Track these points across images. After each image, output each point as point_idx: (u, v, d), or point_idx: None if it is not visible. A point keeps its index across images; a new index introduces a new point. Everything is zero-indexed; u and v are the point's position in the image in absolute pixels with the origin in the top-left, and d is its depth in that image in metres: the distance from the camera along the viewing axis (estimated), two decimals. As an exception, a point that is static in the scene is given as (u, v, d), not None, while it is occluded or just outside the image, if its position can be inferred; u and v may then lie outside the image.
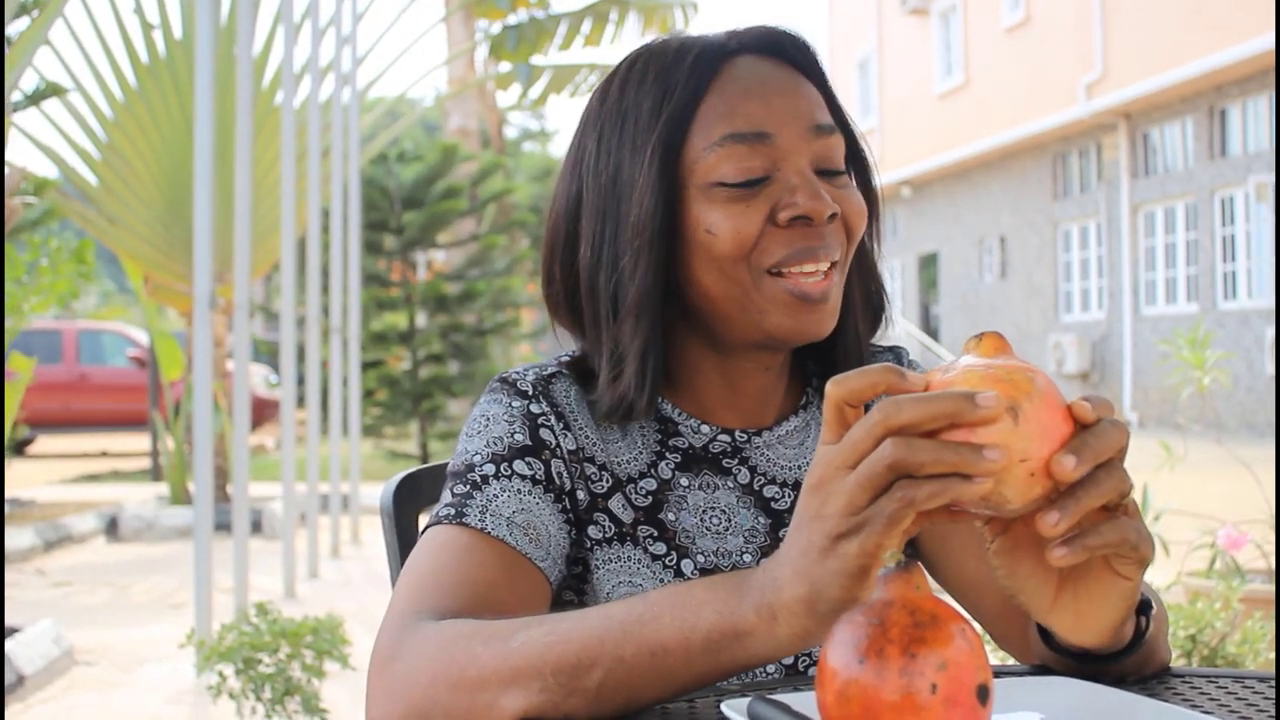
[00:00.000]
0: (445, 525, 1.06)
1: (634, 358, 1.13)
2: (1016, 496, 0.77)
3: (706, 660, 0.86)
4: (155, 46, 8.85)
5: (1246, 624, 3.15)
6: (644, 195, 1.11)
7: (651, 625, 0.87)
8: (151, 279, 9.14)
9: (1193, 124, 16.32)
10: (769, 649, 0.84)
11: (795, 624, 0.82)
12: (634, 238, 1.12)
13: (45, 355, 14.59)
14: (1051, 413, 0.78)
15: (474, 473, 1.09)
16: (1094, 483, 0.80)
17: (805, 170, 1.11)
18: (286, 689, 3.43)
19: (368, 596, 6.34)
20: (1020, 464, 0.76)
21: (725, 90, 1.12)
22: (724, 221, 1.10)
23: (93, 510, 9.35)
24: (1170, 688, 1.00)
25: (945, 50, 22.33)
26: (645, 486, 1.16)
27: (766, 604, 0.83)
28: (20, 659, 4.51)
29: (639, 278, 1.12)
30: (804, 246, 1.10)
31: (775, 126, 1.11)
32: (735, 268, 1.11)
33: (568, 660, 0.88)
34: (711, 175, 1.11)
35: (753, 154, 1.10)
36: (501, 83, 13.37)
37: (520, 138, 35.36)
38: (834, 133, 1.14)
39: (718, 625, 0.85)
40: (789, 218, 1.09)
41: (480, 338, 13.49)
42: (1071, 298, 19.51)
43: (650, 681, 0.87)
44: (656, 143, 1.12)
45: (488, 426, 1.13)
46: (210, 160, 4.82)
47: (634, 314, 1.12)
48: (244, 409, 5.31)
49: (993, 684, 0.72)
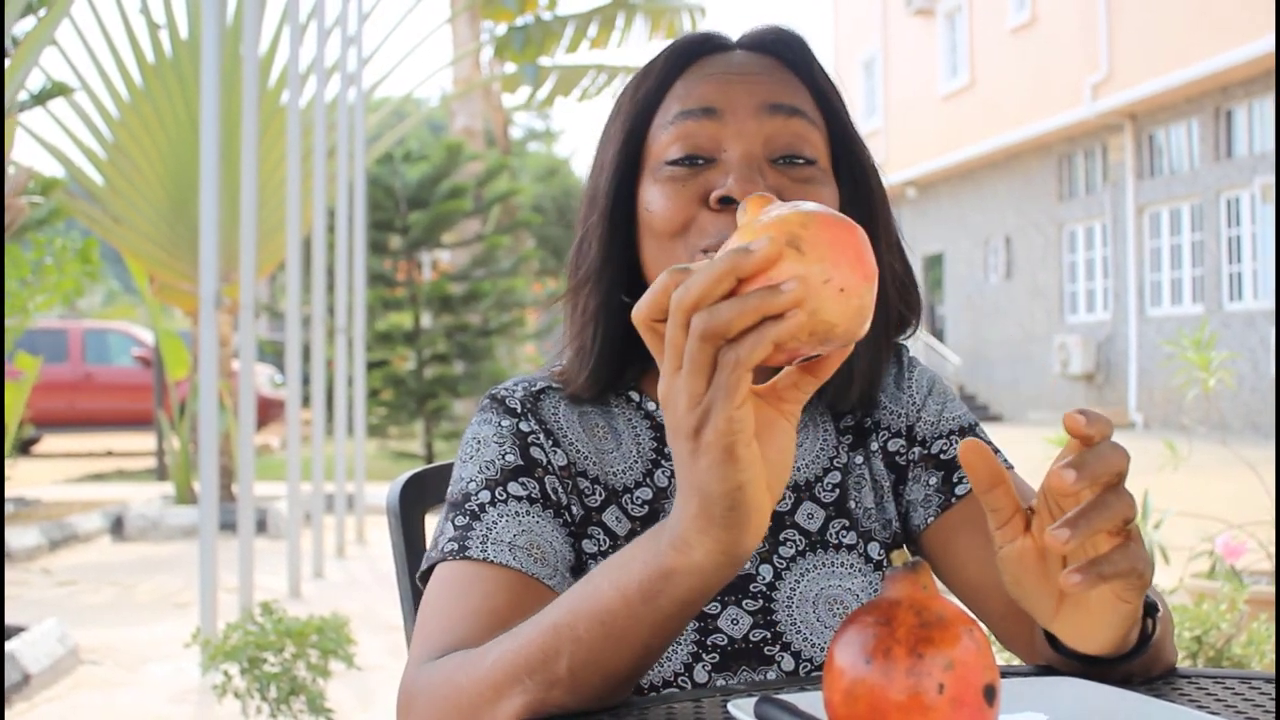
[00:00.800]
0: (450, 561, 1.07)
1: (579, 335, 1.15)
2: (840, 318, 0.76)
3: (649, 610, 0.85)
4: (161, 46, 8.86)
5: (1252, 625, 3.14)
6: (602, 172, 1.15)
7: (593, 596, 0.87)
8: (157, 278, 9.15)
9: (1198, 125, 16.31)
10: (697, 580, 0.84)
11: (705, 542, 0.81)
12: (594, 213, 1.15)
13: (51, 354, 14.63)
14: (832, 230, 0.77)
15: (471, 502, 1.10)
16: (1104, 505, 0.82)
17: (752, 152, 1.09)
18: (291, 689, 3.44)
19: (373, 596, 6.34)
20: (825, 285, 0.75)
21: (691, 76, 1.14)
22: (660, 199, 1.11)
23: (98, 509, 9.36)
24: (1176, 688, 1.00)
25: (950, 51, 22.30)
26: (641, 496, 1.16)
27: (678, 535, 0.82)
28: (25, 658, 4.52)
29: (589, 254, 1.14)
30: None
31: (724, 104, 1.10)
32: (671, 247, 1.10)
33: (535, 657, 0.89)
34: (661, 154, 1.12)
35: (699, 131, 1.10)
36: (508, 85, 13.35)
37: (525, 138, 35.36)
38: (794, 115, 1.11)
39: (645, 573, 0.85)
40: (718, 198, 1.08)
41: (485, 338, 13.50)
42: (1077, 298, 19.49)
43: (611, 650, 0.87)
44: (623, 123, 1.14)
45: (479, 450, 1.14)
46: (216, 160, 4.82)
47: (584, 288, 1.15)
48: (249, 408, 5.32)
49: (1000, 684, 0.72)
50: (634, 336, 1.16)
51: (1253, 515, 4.21)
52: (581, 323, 1.15)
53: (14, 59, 4.31)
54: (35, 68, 4.69)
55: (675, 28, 12.35)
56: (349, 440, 8.63)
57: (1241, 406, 14.86)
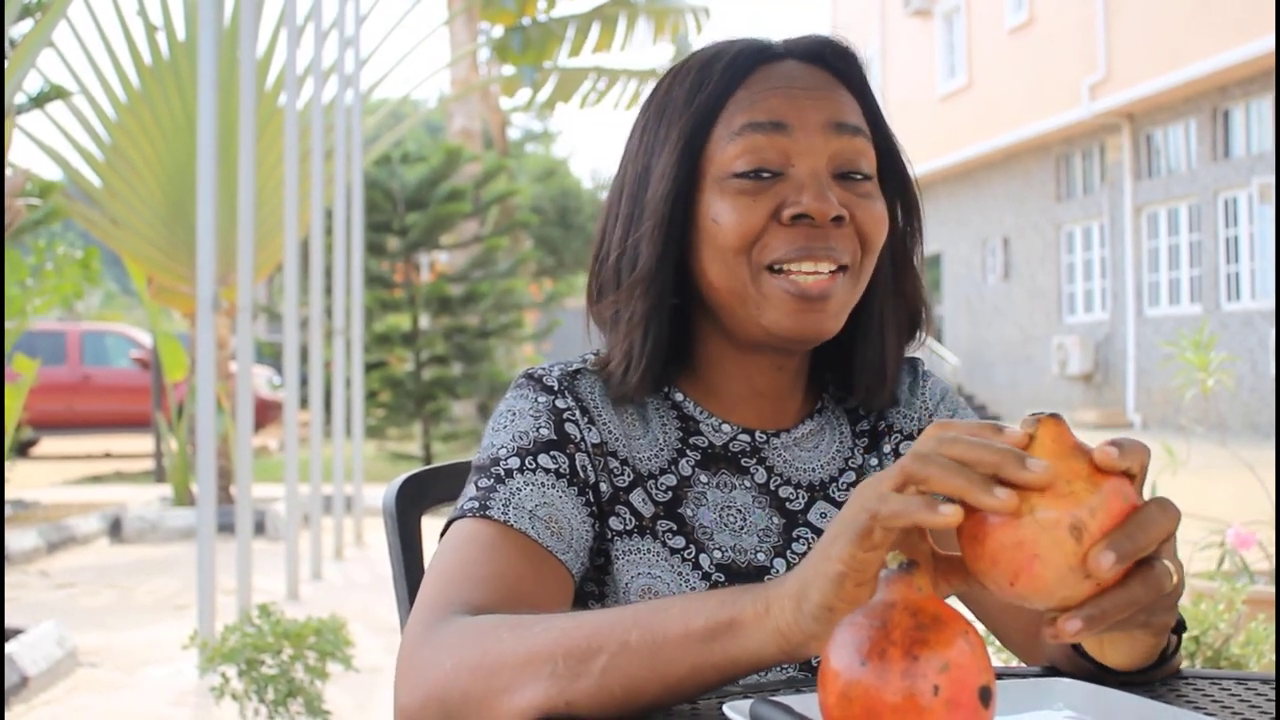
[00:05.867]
0: (470, 519, 1.08)
1: (626, 336, 1.16)
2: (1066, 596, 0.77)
3: (701, 650, 0.86)
4: (159, 48, 8.85)
5: (1250, 625, 3.14)
6: (662, 179, 1.14)
7: (660, 613, 0.89)
8: (155, 280, 9.15)
9: (1196, 125, 16.31)
10: (755, 644, 0.85)
11: (783, 618, 0.83)
12: (648, 219, 1.14)
13: (49, 357, 14.61)
14: (1113, 519, 0.76)
15: (498, 466, 1.11)
16: (1125, 590, 0.78)
17: (819, 169, 1.11)
18: (289, 690, 3.43)
19: (371, 598, 6.34)
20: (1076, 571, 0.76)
21: (755, 86, 1.14)
22: (729, 213, 1.11)
23: (96, 512, 9.35)
24: (1174, 689, 1.00)
25: (949, 51, 22.32)
26: (665, 482, 1.17)
27: (764, 597, 0.85)
28: (24, 660, 4.51)
29: (644, 258, 1.14)
30: (805, 245, 1.10)
31: (794, 119, 1.12)
32: (737, 260, 1.12)
33: (578, 644, 0.89)
34: (727, 166, 1.12)
35: (769, 145, 1.11)
36: (507, 87, 13.35)
37: (523, 139, 35.36)
38: (858, 135, 1.14)
39: (717, 614, 0.86)
40: (792, 215, 1.10)
41: (483, 339, 13.50)
42: (1075, 299, 19.50)
43: (647, 670, 0.88)
44: (682, 129, 1.14)
45: (514, 421, 1.15)
46: (213, 162, 4.82)
47: (634, 292, 1.15)
48: (247, 410, 5.31)
49: (995, 686, 0.72)
50: (681, 338, 1.18)
51: (1252, 516, 4.21)
52: (629, 326, 1.16)
53: (11, 61, 4.31)
54: (33, 70, 4.69)
55: (679, 30, 12.33)
56: (347, 442, 8.62)
57: (1240, 407, 14.86)
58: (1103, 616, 0.77)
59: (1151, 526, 0.77)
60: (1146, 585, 0.78)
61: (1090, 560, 0.75)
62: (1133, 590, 0.78)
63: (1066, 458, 0.76)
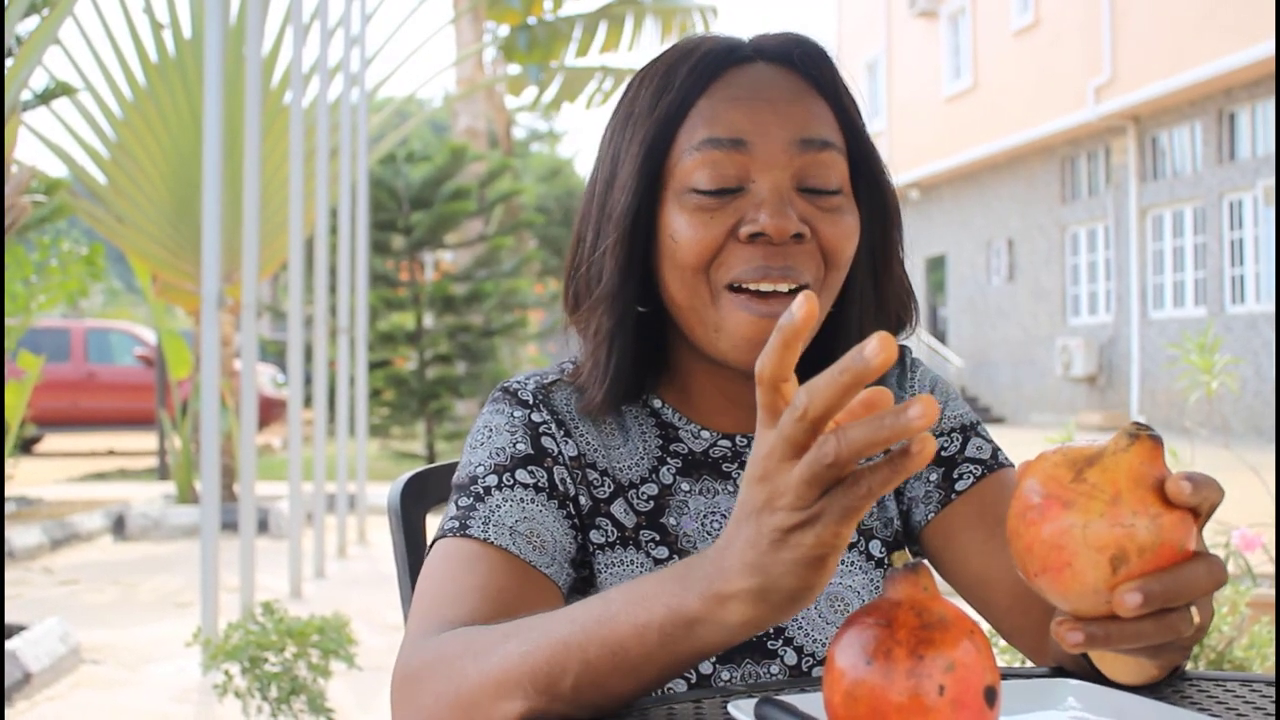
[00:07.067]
0: (450, 538, 1.08)
1: (592, 352, 1.15)
2: (1082, 608, 0.77)
3: (665, 653, 0.85)
4: (165, 46, 8.86)
5: (1254, 628, 3.14)
6: (623, 191, 1.12)
7: (609, 625, 0.86)
8: (159, 278, 9.16)
9: (1201, 127, 16.30)
10: (721, 635, 0.82)
11: (745, 612, 0.80)
12: (612, 231, 1.12)
13: (53, 354, 14.64)
14: (1158, 562, 0.75)
15: (477, 485, 1.10)
16: (1138, 624, 0.76)
17: (780, 184, 1.08)
18: (292, 688, 3.44)
19: (374, 596, 6.34)
20: (1086, 542, 0.75)
21: (718, 95, 1.10)
22: (687, 230, 1.09)
23: (100, 509, 9.37)
24: (1177, 690, 1.00)
25: (954, 53, 22.31)
26: (647, 492, 1.16)
27: (714, 592, 0.80)
28: (27, 657, 4.52)
29: (607, 272, 1.12)
30: (762, 265, 1.07)
31: (755, 136, 1.08)
32: (695, 279, 1.09)
33: (541, 669, 0.88)
34: (687, 180, 1.09)
35: (728, 161, 1.08)
36: (513, 87, 13.34)
37: (528, 138, 35.34)
38: (825, 148, 1.10)
39: (669, 619, 0.83)
40: (749, 233, 1.07)
41: (488, 338, 13.51)
42: (1079, 301, 19.49)
43: (618, 678, 0.87)
44: (644, 139, 1.11)
45: (490, 437, 1.14)
46: (219, 160, 4.82)
47: (598, 308, 1.13)
48: (251, 408, 5.32)
49: (1000, 686, 0.72)
50: (649, 349, 1.16)
51: (1255, 519, 4.20)
52: (595, 342, 1.14)
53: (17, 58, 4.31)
54: (39, 67, 4.70)
55: (687, 28, 12.31)
56: (351, 440, 8.63)
57: (1244, 410, 14.85)
58: (1107, 639, 0.77)
59: (1191, 586, 0.75)
60: (1161, 627, 0.77)
61: (1117, 593, 0.74)
62: (1144, 627, 0.76)
63: (1141, 486, 0.75)
